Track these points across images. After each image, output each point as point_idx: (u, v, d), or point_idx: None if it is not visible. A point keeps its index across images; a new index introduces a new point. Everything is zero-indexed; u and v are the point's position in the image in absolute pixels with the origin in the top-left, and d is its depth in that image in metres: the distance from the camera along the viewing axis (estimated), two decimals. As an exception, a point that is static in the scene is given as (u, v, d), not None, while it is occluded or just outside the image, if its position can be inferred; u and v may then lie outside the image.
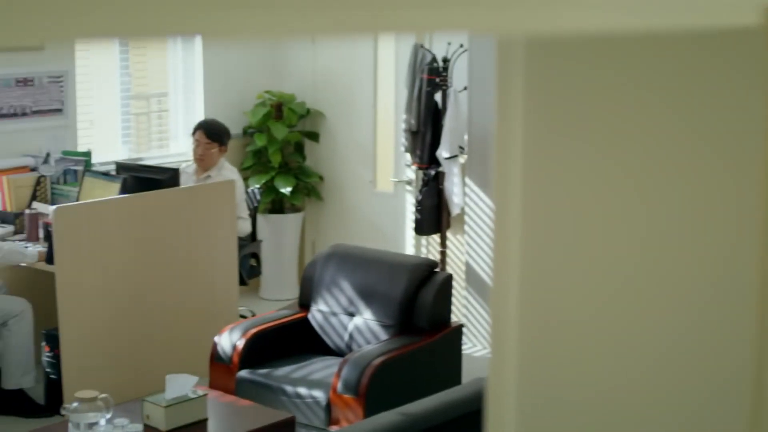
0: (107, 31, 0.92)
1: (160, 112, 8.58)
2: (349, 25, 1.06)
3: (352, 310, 5.94)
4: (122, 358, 6.21)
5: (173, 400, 4.88)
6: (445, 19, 1.09)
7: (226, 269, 6.84)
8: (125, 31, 0.94)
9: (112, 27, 0.91)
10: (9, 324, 6.23)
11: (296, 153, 8.78)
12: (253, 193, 7.72)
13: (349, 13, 1.05)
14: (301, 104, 8.69)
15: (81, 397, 4.66)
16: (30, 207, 6.99)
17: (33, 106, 7.43)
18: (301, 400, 5.46)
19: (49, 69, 7.48)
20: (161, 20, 0.93)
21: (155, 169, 6.96)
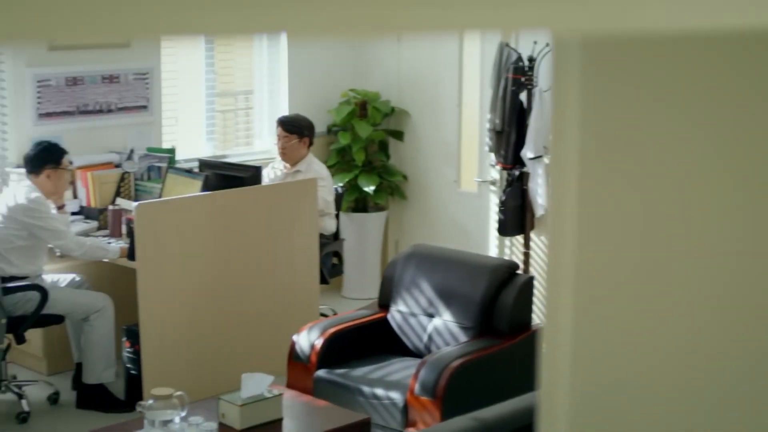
0: (193, 28, 0.92)
1: (245, 110, 8.59)
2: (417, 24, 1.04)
3: (431, 311, 5.88)
4: (201, 356, 6.21)
5: (248, 399, 4.85)
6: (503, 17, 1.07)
7: (307, 268, 6.82)
8: (211, 28, 0.94)
9: (198, 24, 0.91)
10: (91, 319, 6.27)
11: (380, 152, 8.73)
12: (336, 192, 7.69)
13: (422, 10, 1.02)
14: (386, 103, 8.64)
15: (156, 395, 4.65)
16: (114, 203, 7.04)
17: (118, 103, 7.48)
18: (378, 401, 5.40)
19: (134, 66, 7.53)
20: (247, 17, 0.92)
21: (238, 167, 6.96)
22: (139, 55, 7.53)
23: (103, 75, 7.38)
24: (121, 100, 7.49)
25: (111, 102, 7.45)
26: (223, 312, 6.33)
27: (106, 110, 7.43)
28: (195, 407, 4.93)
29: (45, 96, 7.11)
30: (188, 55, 8.18)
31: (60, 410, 6.33)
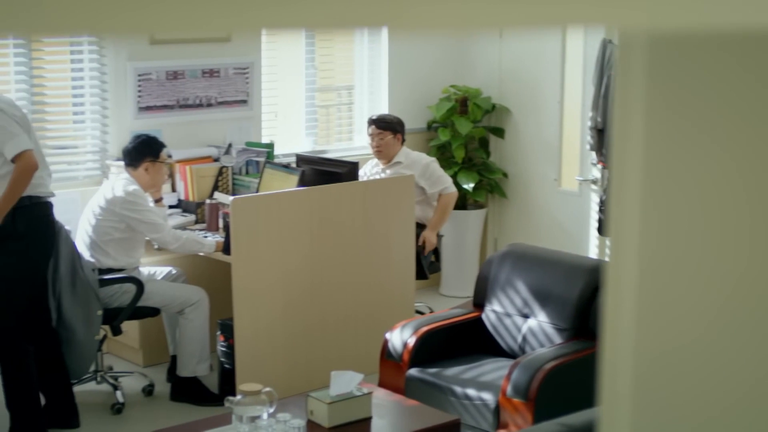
0: (294, 21, 0.91)
1: (345, 105, 8.56)
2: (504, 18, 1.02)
3: (526, 311, 5.78)
4: (293, 351, 6.20)
5: (337, 397, 4.81)
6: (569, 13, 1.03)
7: (403, 265, 6.77)
8: (312, 21, 0.92)
9: (299, 17, 0.91)
10: (186, 312, 6.30)
11: (480, 149, 8.64)
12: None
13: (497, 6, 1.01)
14: (487, 99, 8.54)
15: (245, 390, 4.63)
16: (211, 197, 7.06)
17: (218, 97, 7.51)
18: (469, 402, 5.33)
19: (235, 60, 7.54)
20: (348, 11, 0.92)
21: (335, 162, 6.93)
22: (240, 50, 7.55)
23: (203, 69, 7.41)
24: (221, 94, 7.51)
25: (211, 96, 7.47)
26: (316, 308, 6.31)
27: (206, 104, 7.46)
28: (284, 404, 4.90)
29: (146, 90, 7.16)
30: (289, 49, 8.17)
31: (154, 402, 6.37)
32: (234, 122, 7.58)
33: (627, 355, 1.27)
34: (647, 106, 1.21)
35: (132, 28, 0.88)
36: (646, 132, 1.21)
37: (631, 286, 1.25)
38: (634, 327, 1.26)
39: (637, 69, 1.20)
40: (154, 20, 0.87)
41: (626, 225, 1.24)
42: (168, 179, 6.96)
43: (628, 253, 1.24)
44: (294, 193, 6.35)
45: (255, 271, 6.08)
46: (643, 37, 1.20)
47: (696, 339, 1.26)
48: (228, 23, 0.89)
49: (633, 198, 1.22)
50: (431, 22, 0.96)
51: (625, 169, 1.22)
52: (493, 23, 1.10)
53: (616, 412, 1.30)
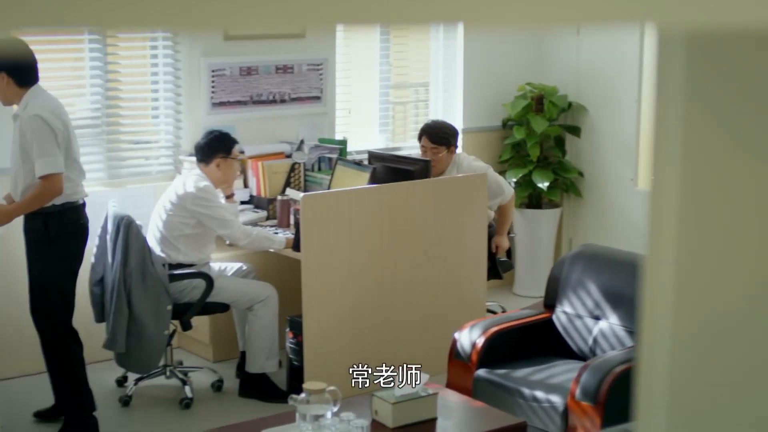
0: (369, 17, 0.91)
1: (420, 102, 8.51)
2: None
3: (597, 313, 5.68)
4: (362, 349, 6.17)
5: (402, 397, 4.77)
6: (607, 10, 1.02)
7: (475, 264, 6.70)
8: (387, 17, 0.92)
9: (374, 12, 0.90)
10: (255, 309, 6.29)
11: (556, 147, 8.53)
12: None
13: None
14: (563, 97, 8.43)
15: (309, 389, 4.60)
16: (283, 193, 7.05)
17: (292, 93, 7.50)
18: (537, 404, 5.25)
19: (309, 56, 7.53)
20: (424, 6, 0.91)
21: (407, 160, 6.88)
22: (314, 46, 7.53)
23: (277, 65, 7.41)
24: (294, 90, 7.50)
25: (284, 92, 7.47)
26: (386, 306, 6.27)
27: (280, 100, 7.46)
28: (349, 403, 4.87)
29: (219, 85, 7.17)
30: (363, 45, 8.15)
31: (222, 397, 6.37)
32: (307, 118, 7.57)
33: (664, 354, 1.24)
34: (686, 104, 1.17)
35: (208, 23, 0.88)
36: (685, 131, 1.17)
37: (668, 289, 1.22)
38: (671, 328, 1.23)
39: (675, 67, 1.17)
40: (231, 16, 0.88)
41: (665, 225, 1.20)
42: (240, 175, 6.96)
43: (666, 253, 1.21)
44: (365, 190, 6.31)
45: (324, 268, 6.05)
46: (681, 35, 1.15)
47: (731, 340, 1.22)
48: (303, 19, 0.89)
49: (672, 198, 1.19)
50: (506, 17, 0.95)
51: (665, 168, 1.18)
52: (532, 20, 1.06)
53: (652, 412, 1.26)
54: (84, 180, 5.76)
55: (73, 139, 5.66)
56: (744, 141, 1.16)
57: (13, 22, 0.86)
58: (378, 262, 6.22)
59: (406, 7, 0.90)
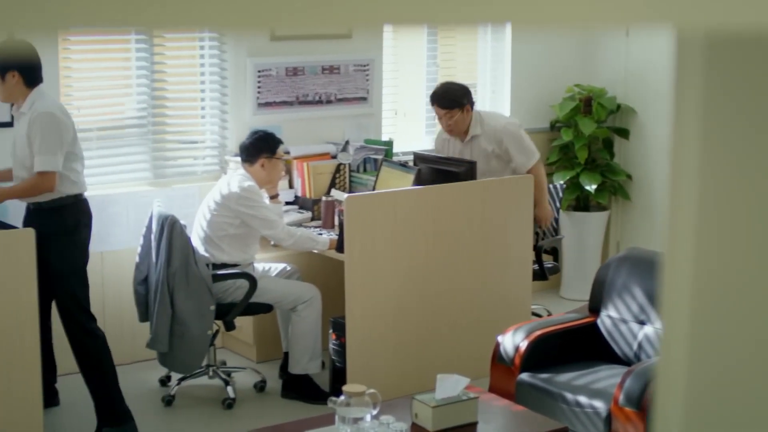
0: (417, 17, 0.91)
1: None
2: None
3: (642, 318, 5.61)
4: (405, 351, 6.14)
5: (442, 400, 4.73)
6: (625, 12, 1.01)
7: (520, 266, 6.65)
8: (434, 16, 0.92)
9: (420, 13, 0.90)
10: (298, 309, 6.28)
11: (604, 150, 8.46)
12: (555, 189, 7.45)
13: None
14: (612, 99, 8.36)
15: (349, 391, 4.58)
16: (328, 194, 7.04)
17: (338, 94, 7.48)
18: (580, 410, 5.19)
19: (355, 57, 7.51)
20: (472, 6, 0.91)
21: (452, 162, 6.84)
22: (361, 46, 7.52)
23: (323, 66, 7.40)
24: (340, 91, 7.49)
25: (330, 93, 7.45)
26: (429, 308, 6.23)
27: (326, 101, 7.45)
28: (390, 405, 4.84)
29: (265, 86, 7.17)
30: (410, 46, 8.11)
31: (265, 398, 6.37)
32: (353, 119, 7.55)
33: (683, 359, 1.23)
34: (704, 106, 1.15)
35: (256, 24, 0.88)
36: (703, 133, 1.15)
37: (686, 290, 1.21)
38: (689, 328, 1.22)
39: (693, 69, 1.14)
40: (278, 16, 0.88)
41: (682, 227, 1.19)
42: (285, 176, 6.96)
43: (684, 254, 1.20)
44: (409, 191, 6.28)
45: (368, 270, 6.02)
46: (700, 37, 1.12)
47: (752, 342, 1.21)
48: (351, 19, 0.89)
49: (689, 199, 1.18)
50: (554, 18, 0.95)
51: (682, 169, 1.17)
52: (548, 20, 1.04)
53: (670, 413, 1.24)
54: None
55: (77, 139, 5.74)
56: (762, 143, 1.14)
57: (62, 22, 0.86)
58: (422, 263, 6.19)
59: (454, 7, 0.89)
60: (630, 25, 1.07)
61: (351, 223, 5.97)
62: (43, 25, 0.86)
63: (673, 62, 1.16)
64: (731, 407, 1.24)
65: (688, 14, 1.00)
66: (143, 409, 6.07)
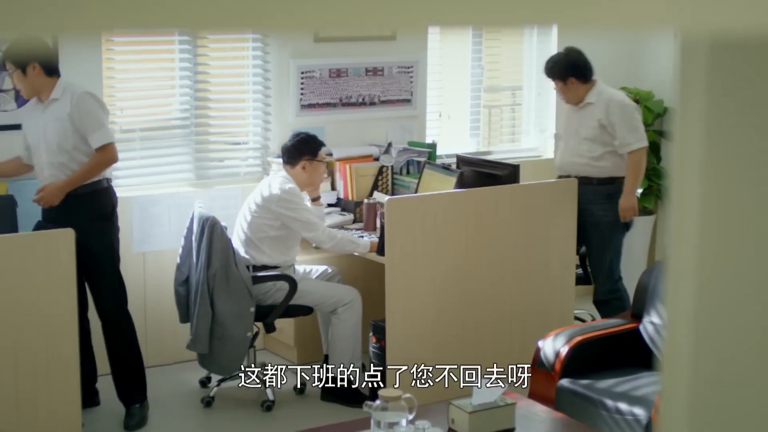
0: (462, 18, 0.90)
1: (513, 106, 8.41)
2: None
3: (685, 324, 5.53)
4: (444, 355, 6.09)
5: (479, 406, 4.68)
6: (629, 16, 0.99)
7: (563, 271, 6.58)
8: (479, 18, 0.91)
9: (466, 14, 0.89)
10: (339, 312, 6.26)
11: (651, 153, 8.34)
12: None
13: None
14: (659, 102, 8.27)
15: (385, 396, 4.54)
16: (370, 196, 7.01)
17: (381, 96, 7.46)
18: (620, 417, 5.12)
19: (399, 59, 7.48)
20: (518, 7, 0.90)
21: (495, 165, 6.79)
22: (405, 48, 7.48)
23: (367, 67, 7.37)
24: (384, 92, 7.46)
25: (374, 94, 7.43)
26: (470, 313, 6.19)
27: (369, 103, 7.42)
28: (426, 410, 4.80)
29: (308, 87, 7.16)
30: (455, 48, 8.07)
31: (304, 400, 6.35)
32: (396, 121, 7.52)
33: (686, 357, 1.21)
34: (707, 110, 1.13)
35: (299, 25, 0.88)
36: (707, 136, 1.14)
37: (690, 292, 1.20)
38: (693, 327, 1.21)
39: (697, 73, 1.12)
40: (323, 18, 0.87)
41: (685, 229, 1.18)
42: (327, 178, 6.94)
43: (687, 256, 1.19)
44: (450, 194, 6.24)
45: (408, 273, 5.99)
46: (704, 40, 1.09)
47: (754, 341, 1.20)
48: (395, 21, 0.88)
49: (692, 202, 1.16)
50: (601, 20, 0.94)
51: (685, 172, 1.15)
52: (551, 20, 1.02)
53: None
54: None
55: None
56: (764, 146, 1.12)
57: (108, 24, 0.86)
58: (463, 267, 6.14)
59: (499, 8, 0.88)
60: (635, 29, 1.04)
61: (392, 226, 5.94)
62: (88, 27, 0.86)
63: (677, 66, 1.14)
64: (735, 405, 1.23)
65: (693, 19, 0.98)
66: (183, 410, 6.08)
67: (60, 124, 5.67)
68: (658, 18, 1.01)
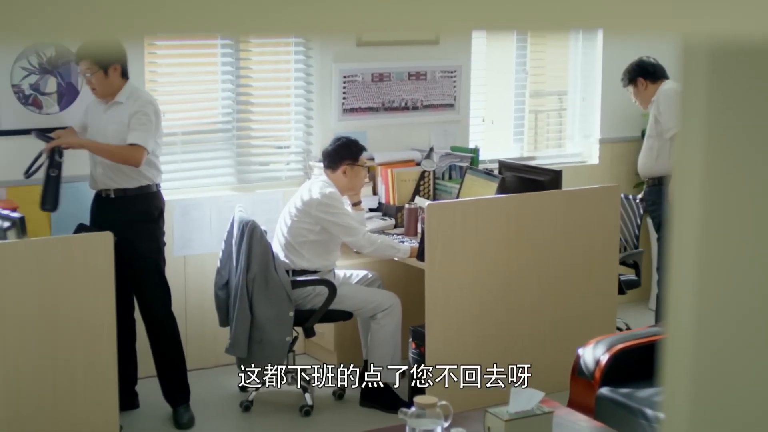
0: (505, 23, 0.90)
1: (558, 111, 8.35)
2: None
3: (728, 333, 5.46)
4: (483, 362, 6.04)
5: (516, 414, 4.63)
6: (630, 20, 0.98)
7: (605, 278, 6.52)
8: (524, 23, 0.91)
9: (510, 19, 0.89)
10: (378, 317, 6.24)
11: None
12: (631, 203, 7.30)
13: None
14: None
15: (420, 403, 4.51)
16: (411, 201, 6.98)
17: (424, 100, 7.43)
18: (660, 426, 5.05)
19: (443, 63, 7.45)
20: (562, 12, 0.90)
21: (537, 170, 6.74)
22: (448, 52, 7.45)
23: (410, 72, 7.35)
24: (427, 97, 7.43)
25: (417, 99, 7.40)
26: (509, 319, 6.15)
27: (411, 107, 7.39)
28: (462, 417, 4.76)
29: (350, 91, 7.14)
30: (499, 53, 8.03)
31: (343, 406, 6.33)
32: (439, 126, 7.49)
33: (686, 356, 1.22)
34: (709, 115, 1.12)
35: (343, 29, 0.87)
36: (708, 142, 1.13)
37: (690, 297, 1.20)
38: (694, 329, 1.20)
39: (699, 78, 1.11)
40: (367, 22, 0.87)
41: (686, 235, 1.17)
42: (369, 182, 6.92)
43: (689, 262, 1.19)
44: (491, 200, 6.20)
45: (448, 279, 5.96)
46: (705, 46, 1.06)
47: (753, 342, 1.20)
48: (440, 25, 0.87)
49: (693, 208, 1.15)
50: (646, 24, 0.93)
51: (687, 176, 1.15)
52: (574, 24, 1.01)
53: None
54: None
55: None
56: (765, 149, 1.11)
57: (151, 28, 0.86)
58: (503, 273, 6.10)
59: (544, 13, 0.88)
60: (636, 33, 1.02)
61: (432, 231, 5.91)
62: (132, 31, 0.86)
63: (679, 71, 1.12)
64: (737, 409, 1.23)
65: (694, 23, 0.96)
66: (221, 414, 6.08)
67: (120, 128, 5.76)
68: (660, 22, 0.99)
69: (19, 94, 6.15)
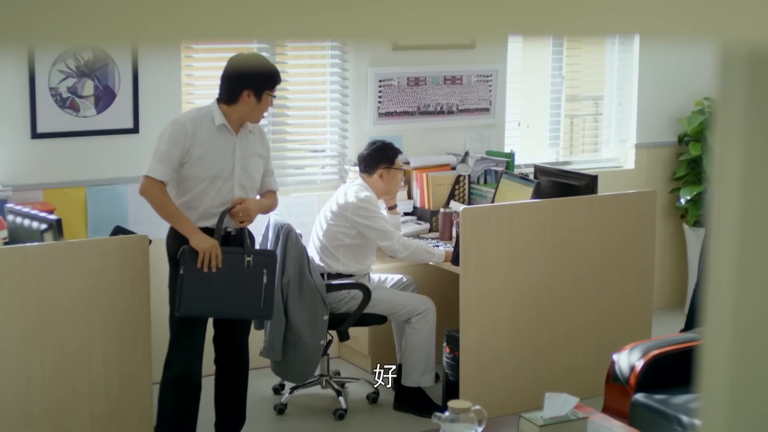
0: (542, 28, 0.90)
1: (594, 116, 8.32)
2: None
3: (765, 340, 5.42)
4: (518, 367, 6.04)
5: (550, 420, 4.62)
6: (668, 26, 0.97)
7: (641, 284, 6.50)
8: (560, 28, 0.90)
9: (546, 24, 0.89)
10: (412, 321, 6.23)
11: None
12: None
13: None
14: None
15: (454, 407, 4.51)
16: (446, 206, 6.98)
17: (460, 105, 7.42)
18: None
19: (478, 68, 7.44)
20: (599, 17, 0.90)
21: (573, 175, 6.73)
22: (484, 57, 7.44)
23: (445, 76, 7.34)
24: (462, 101, 7.42)
25: (452, 103, 7.40)
26: (544, 324, 6.13)
27: (447, 112, 7.39)
28: (497, 422, 4.76)
29: (386, 95, 7.15)
30: (535, 57, 8.01)
31: (377, 410, 6.33)
32: (475, 130, 7.48)
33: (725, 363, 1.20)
34: (747, 123, 1.10)
35: (379, 34, 0.87)
36: (746, 149, 1.12)
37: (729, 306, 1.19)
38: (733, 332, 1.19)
39: (737, 85, 1.09)
40: (403, 26, 0.87)
41: (725, 243, 1.17)
42: (404, 186, 6.92)
43: (726, 269, 1.18)
44: (526, 204, 6.19)
45: (483, 283, 5.95)
46: (744, 52, 1.05)
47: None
48: (476, 29, 0.87)
49: (732, 214, 1.15)
50: (684, 29, 0.93)
51: (725, 184, 1.14)
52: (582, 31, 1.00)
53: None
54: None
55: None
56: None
57: (188, 34, 0.86)
58: (538, 278, 6.09)
59: (581, 18, 0.88)
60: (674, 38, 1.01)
61: (467, 236, 5.91)
62: (170, 37, 0.86)
63: (717, 77, 1.11)
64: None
65: (733, 29, 0.96)
66: (256, 417, 6.09)
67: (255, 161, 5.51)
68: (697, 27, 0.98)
69: (57, 97, 6.19)
